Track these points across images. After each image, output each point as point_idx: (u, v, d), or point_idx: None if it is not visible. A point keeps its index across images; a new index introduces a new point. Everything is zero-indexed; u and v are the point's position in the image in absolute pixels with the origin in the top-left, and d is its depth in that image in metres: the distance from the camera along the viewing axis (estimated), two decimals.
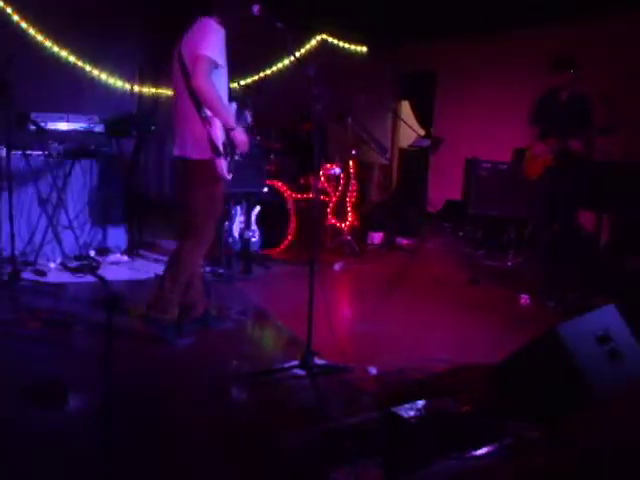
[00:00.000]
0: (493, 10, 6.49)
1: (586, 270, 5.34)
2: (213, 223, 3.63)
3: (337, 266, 5.73)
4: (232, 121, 3.45)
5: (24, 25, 6.11)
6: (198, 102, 3.32)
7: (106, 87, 6.61)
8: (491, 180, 6.53)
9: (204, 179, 3.47)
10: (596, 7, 5.89)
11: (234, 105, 3.64)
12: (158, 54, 5.79)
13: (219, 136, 3.38)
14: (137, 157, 6.08)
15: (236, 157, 3.62)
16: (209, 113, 3.34)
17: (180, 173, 3.68)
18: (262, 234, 5.68)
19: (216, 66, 3.30)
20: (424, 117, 8.88)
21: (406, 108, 9.20)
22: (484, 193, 6.53)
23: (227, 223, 5.34)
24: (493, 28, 7.23)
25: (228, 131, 3.44)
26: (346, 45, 8.37)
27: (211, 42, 3.26)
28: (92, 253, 5.39)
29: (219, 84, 3.35)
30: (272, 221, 5.88)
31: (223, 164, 3.41)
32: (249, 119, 3.88)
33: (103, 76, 6.62)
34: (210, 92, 3.26)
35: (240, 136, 3.49)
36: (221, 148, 3.38)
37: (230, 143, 3.49)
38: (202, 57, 3.22)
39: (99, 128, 5.45)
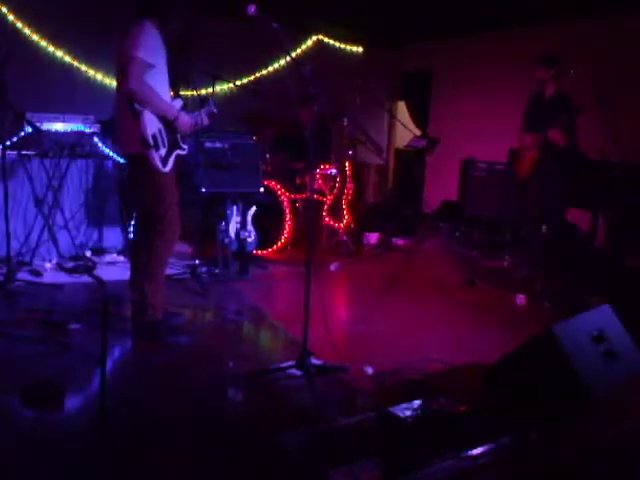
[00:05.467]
0: (490, 10, 6.50)
1: (582, 270, 5.36)
2: (171, 213, 3.56)
3: (333, 266, 5.73)
4: (172, 112, 3.47)
5: (19, 25, 6.10)
6: (129, 98, 3.34)
7: (102, 87, 6.59)
8: (487, 180, 6.54)
9: (142, 173, 3.49)
10: (594, 7, 5.91)
11: (179, 102, 3.64)
12: None
13: (148, 128, 3.37)
14: None
15: (181, 151, 3.63)
16: (139, 107, 3.34)
17: (128, 169, 3.76)
18: (258, 234, 5.68)
19: (150, 66, 3.33)
20: (420, 117, 8.89)
21: (402, 108, 9.21)
22: (480, 193, 6.54)
23: (223, 223, 5.34)
24: (489, 28, 7.24)
25: (171, 122, 3.47)
26: (342, 46, 8.38)
27: (143, 43, 3.30)
28: (88, 253, 5.39)
29: (156, 83, 3.39)
30: (268, 221, 5.88)
31: (155, 156, 3.39)
32: (213, 108, 3.89)
33: (99, 76, 6.60)
34: (143, 92, 3.31)
35: (184, 123, 3.53)
36: (150, 140, 3.36)
37: (170, 135, 3.50)
38: (134, 59, 3.26)
39: (95, 128, 5.45)
